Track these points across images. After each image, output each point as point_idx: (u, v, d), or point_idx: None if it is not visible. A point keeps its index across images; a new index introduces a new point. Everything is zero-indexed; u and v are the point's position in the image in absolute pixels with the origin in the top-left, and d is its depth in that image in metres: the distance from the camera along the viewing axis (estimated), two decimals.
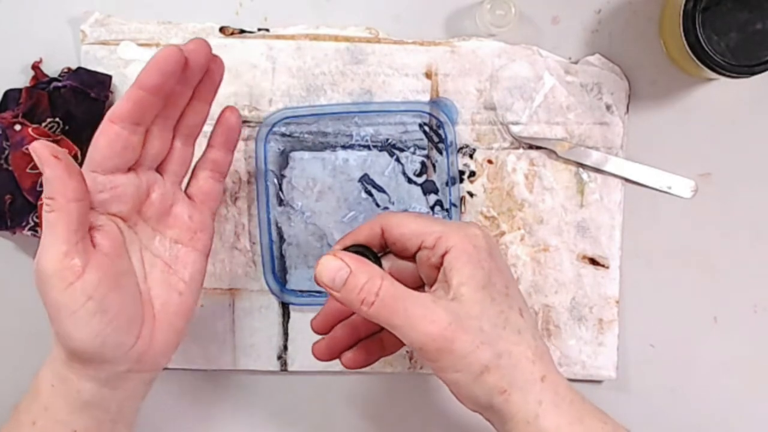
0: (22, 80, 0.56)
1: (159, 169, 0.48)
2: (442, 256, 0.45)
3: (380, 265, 0.47)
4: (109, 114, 0.44)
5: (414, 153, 0.57)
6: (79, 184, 0.43)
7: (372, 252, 0.47)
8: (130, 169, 0.46)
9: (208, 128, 0.50)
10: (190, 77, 0.46)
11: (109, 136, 0.44)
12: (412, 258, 0.47)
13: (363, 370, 0.57)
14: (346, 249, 0.47)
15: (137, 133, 0.45)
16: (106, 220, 0.46)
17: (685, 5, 0.50)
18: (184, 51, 0.44)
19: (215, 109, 0.56)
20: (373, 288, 0.43)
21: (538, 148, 0.57)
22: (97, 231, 0.45)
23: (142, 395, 0.49)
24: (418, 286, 0.48)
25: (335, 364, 0.57)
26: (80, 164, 0.53)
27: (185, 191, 0.50)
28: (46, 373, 0.46)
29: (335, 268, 0.43)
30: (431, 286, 0.46)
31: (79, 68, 0.55)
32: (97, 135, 0.45)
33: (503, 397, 0.43)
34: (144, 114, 0.45)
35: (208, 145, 0.50)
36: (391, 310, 0.43)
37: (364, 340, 0.50)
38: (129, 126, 0.44)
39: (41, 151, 0.42)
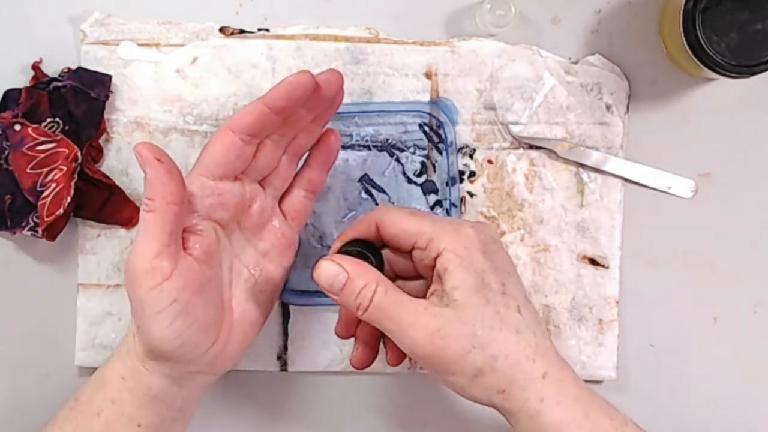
0: (22, 80, 0.56)
1: (261, 183, 0.50)
2: (435, 258, 0.45)
3: (381, 259, 0.48)
4: (230, 123, 0.46)
5: (414, 153, 0.57)
6: (178, 188, 0.44)
7: (373, 246, 0.48)
8: (236, 178, 0.47)
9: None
10: (318, 104, 0.47)
11: (225, 143, 0.46)
12: (408, 255, 0.47)
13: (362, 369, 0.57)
14: (348, 244, 0.47)
15: (251, 144, 0.46)
16: (207, 226, 0.47)
17: (685, 5, 0.50)
18: (317, 79, 0.45)
19: (214, 109, 0.56)
20: (368, 293, 0.43)
21: (538, 148, 0.57)
22: (195, 235, 0.46)
23: (201, 397, 0.50)
24: (419, 276, 0.48)
25: (335, 364, 0.57)
26: (79, 164, 0.54)
27: None
28: (116, 366, 0.47)
29: (333, 273, 0.44)
30: (430, 281, 0.46)
31: (79, 68, 0.55)
32: (213, 141, 0.46)
33: (502, 396, 0.44)
34: (263, 129, 0.46)
35: (306, 164, 0.51)
36: (384, 315, 0.43)
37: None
38: (246, 137, 0.46)
39: (144, 152, 0.43)
